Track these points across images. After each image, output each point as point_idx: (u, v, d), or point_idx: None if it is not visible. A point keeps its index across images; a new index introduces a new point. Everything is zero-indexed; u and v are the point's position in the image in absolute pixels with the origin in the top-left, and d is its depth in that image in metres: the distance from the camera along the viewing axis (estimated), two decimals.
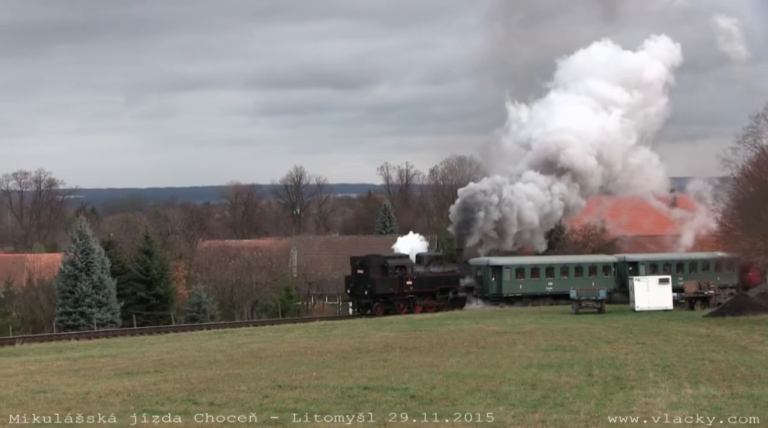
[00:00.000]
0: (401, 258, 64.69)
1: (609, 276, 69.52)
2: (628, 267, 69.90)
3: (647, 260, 71.58)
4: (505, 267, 66.78)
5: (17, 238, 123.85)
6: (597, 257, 71.78)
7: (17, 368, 31.00)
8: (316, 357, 31.58)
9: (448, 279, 65.42)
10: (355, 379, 24.98)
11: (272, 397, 22.14)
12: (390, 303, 62.52)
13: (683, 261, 72.21)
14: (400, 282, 62.82)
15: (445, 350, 32.91)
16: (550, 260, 69.58)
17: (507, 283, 66.53)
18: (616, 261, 70.82)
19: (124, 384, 25.20)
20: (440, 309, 63.20)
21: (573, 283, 66.29)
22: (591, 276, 68.73)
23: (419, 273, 63.90)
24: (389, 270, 62.63)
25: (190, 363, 30.81)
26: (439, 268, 65.53)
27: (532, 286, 67.39)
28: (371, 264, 62.75)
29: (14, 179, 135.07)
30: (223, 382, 24.86)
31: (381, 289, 62.22)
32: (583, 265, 69.46)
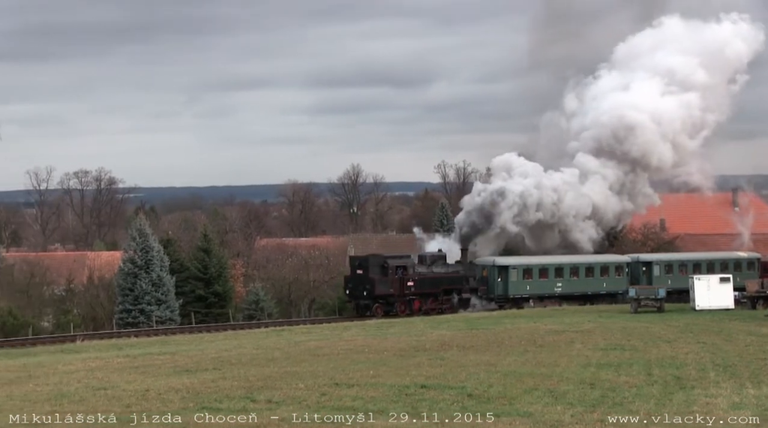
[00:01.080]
0: (402, 258, 63.08)
1: (621, 277, 67.64)
2: (642, 268, 68.46)
3: (662, 260, 69.79)
4: (512, 268, 64.75)
5: (78, 236, 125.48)
6: (609, 257, 69.79)
7: (78, 365, 31.33)
8: (373, 355, 31.57)
9: (452, 279, 63.34)
10: (412, 378, 24.94)
11: (329, 395, 22.17)
12: (390, 305, 60.67)
13: (700, 262, 70.24)
14: (401, 282, 60.95)
15: (502, 349, 32.77)
16: (559, 260, 67.46)
17: (514, 284, 64.55)
18: (629, 261, 68.85)
19: (183, 381, 25.36)
20: (443, 311, 61.16)
21: (583, 284, 66.04)
22: (603, 276, 67.22)
23: (421, 274, 62.03)
24: (389, 270, 60.78)
25: (248, 360, 30.95)
26: (443, 269, 63.56)
27: (540, 287, 65.38)
28: (370, 264, 60.87)
29: (75, 178, 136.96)
30: (280, 380, 24.94)
31: (380, 290, 60.30)
32: (595, 265, 67.48)
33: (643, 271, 68.35)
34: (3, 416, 20.20)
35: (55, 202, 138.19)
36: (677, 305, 58.21)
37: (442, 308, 61.87)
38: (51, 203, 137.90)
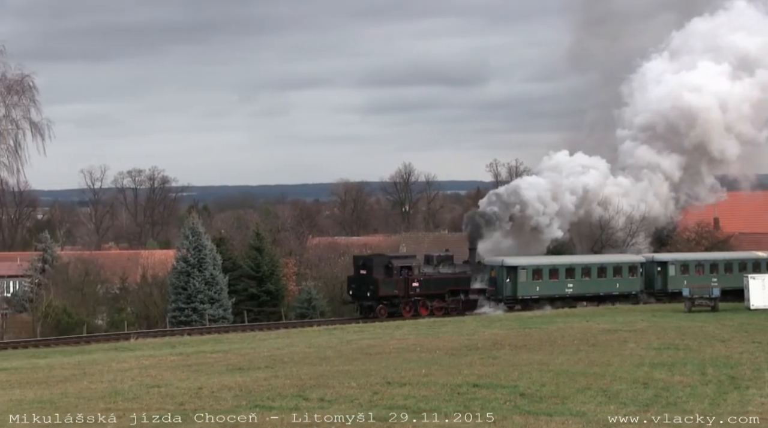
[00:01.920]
0: (407, 258, 62.24)
1: (635, 277, 65.86)
2: (657, 268, 66.59)
3: (677, 260, 67.54)
4: (521, 268, 62.88)
5: (131, 235, 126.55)
6: (622, 257, 67.60)
7: (132, 362, 31.60)
8: (425, 354, 31.55)
9: (458, 280, 61.69)
10: (464, 377, 24.89)
11: (381, 394, 22.18)
12: (395, 306, 59.40)
13: (717, 262, 68.02)
14: (406, 283, 59.57)
15: (554, 348, 32.62)
16: (570, 260, 65.94)
17: (523, 285, 62.71)
18: (643, 261, 66.82)
19: (236, 379, 25.48)
20: (449, 312, 59.94)
21: (595, 285, 64.46)
22: (616, 276, 65.31)
23: (427, 274, 60.65)
24: (393, 270, 59.44)
25: (300, 359, 31.05)
26: (449, 269, 62.02)
27: (550, 288, 63.57)
28: (374, 264, 59.54)
29: (129, 177, 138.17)
30: (333, 378, 24.98)
31: (384, 291, 59.00)
32: (607, 266, 65.50)
33: (658, 272, 66.47)
34: (60, 413, 20.42)
35: (108, 200, 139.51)
36: (731, 304, 57.52)
37: (447, 309, 60.40)
38: (105, 202, 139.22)
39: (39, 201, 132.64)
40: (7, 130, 60.07)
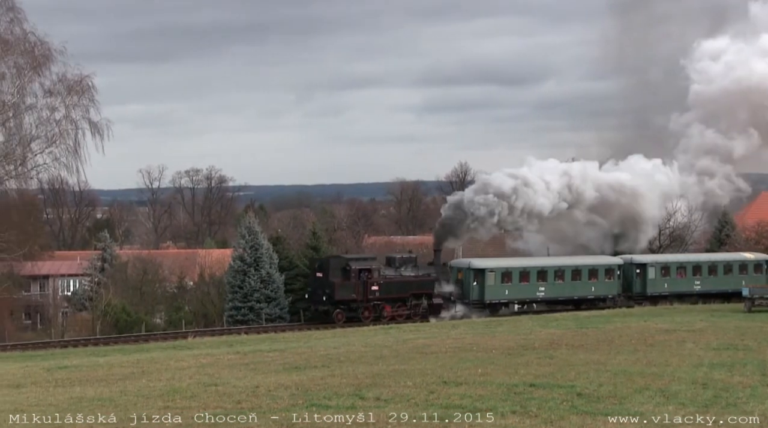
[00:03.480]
0: (366, 260, 59.70)
1: (612, 280, 64.06)
2: (636, 270, 64.85)
3: (658, 262, 65.84)
4: (489, 271, 60.59)
5: (189, 234, 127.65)
6: (598, 259, 65.91)
7: (190, 361, 31.81)
8: (482, 353, 31.45)
9: (422, 283, 59.56)
10: (521, 376, 24.77)
11: (438, 393, 22.13)
12: (353, 311, 57.35)
13: (701, 264, 66.38)
14: (365, 287, 57.37)
15: (612, 347, 32.36)
16: (542, 262, 63.83)
17: (491, 288, 60.51)
18: (621, 263, 64.91)
19: (293, 378, 25.56)
20: (411, 317, 58.06)
21: (569, 288, 62.74)
22: (591, 279, 63.38)
23: (387, 277, 58.39)
24: (351, 273, 57.25)
25: (356, 358, 31.08)
26: (413, 271, 59.86)
27: (520, 292, 61.68)
28: (331, 267, 57.26)
29: (186, 176, 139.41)
30: (389, 378, 24.97)
31: (341, 295, 56.88)
32: (582, 268, 63.48)
33: (637, 274, 64.69)
34: (119, 411, 20.61)
35: (166, 200, 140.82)
36: None
37: (410, 314, 58.58)
38: (163, 201, 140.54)
39: (98, 200, 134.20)
40: (66, 130, 60.83)
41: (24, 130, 60.78)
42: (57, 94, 60.80)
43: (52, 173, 61.93)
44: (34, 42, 60.24)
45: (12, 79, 59.88)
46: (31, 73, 59.97)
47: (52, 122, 60.93)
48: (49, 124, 60.92)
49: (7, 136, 60.68)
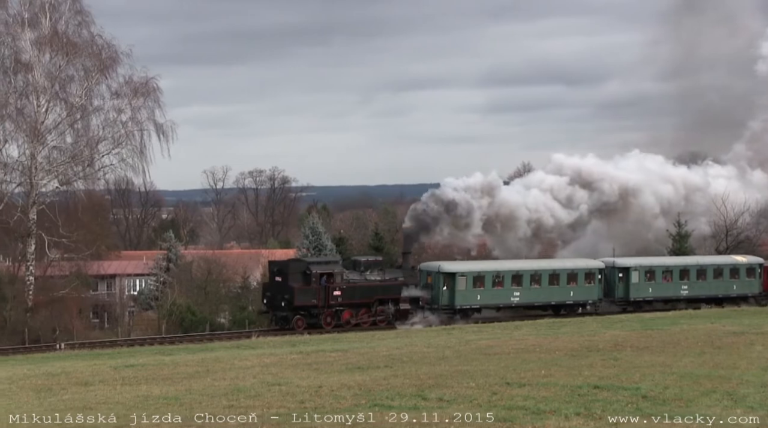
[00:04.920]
0: (328, 264, 56.50)
1: (593, 285, 60.82)
2: (618, 274, 61.76)
3: (642, 265, 62.70)
4: (460, 275, 57.40)
5: (253, 234, 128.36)
6: (578, 262, 62.75)
7: (254, 360, 31.99)
8: (545, 354, 31.28)
9: (387, 288, 56.70)
10: (585, 378, 24.60)
11: (501, 394, 22.06)
12: (314, 317, 54.74)
13: (689, 267, 63.66)
14: (326, 292, 54.69)
15: (678, 350, 32.01)
16: (517, 266, 60.50)
17: (461, 293, 57.33)
18: (602, 266, 61.69)
19: (355, 378, 25.61)
20: (376, 323, 55.81)
21: (546, 293, 59.66)
22: (570, 284, 60.17)
23: (351, 282, 55.66)
24: (312, 277, 54.49)
25: (419, 359, 31.06)
26: (379, 276, 57.16)
27: (493, 297, 58.40)
28: (290, 271, 54.60)
29: (250, 177, 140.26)
30: (451, 378, 24.94)
31: (301, 300, 54.24)
32: (560, 272, 60.34)
33: (620, 278, 61.76)
34: (184, 410, 20.80)
35: (230, 200, 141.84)
36: None
37: (375, 320, 56.12)
38: (227, 202, 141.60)
39: (164, 201, 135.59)
40: (132, 131, 61.66)
41: (91, 132, 61.76)
42: (123, 96, 61.70)
43: (118, 174, 62.91)
44: (101, 45, 61.19)
45: (80, 82, 60.83)
46: (98, 75, 60.90)
47: (118, 124, 61.84)
48: (116, 125, 61.82)
49: (75, 137, 61.69)
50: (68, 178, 61.97)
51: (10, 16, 59.83)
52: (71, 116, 60.79)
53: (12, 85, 59.91)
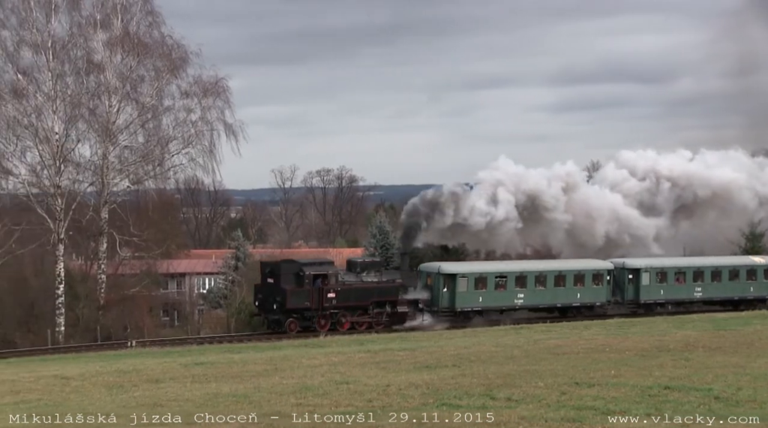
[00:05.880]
0: (322, 266, 54.49)
1: (601, 286, 59.03)
2: (628, 276, 59.96)
3: (653, 266, 60.67)
4: (461, 276, 55.81)
5: (320, 233, 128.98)
6: (585, 262, 60.71)
7: (322, 359, 32.11)
8: (614, 354, 31.00)
9: (384, 290, 54.74)
10: (656, 378, 24.33)
11: (569, 394, 21.89)
12: (307, 320, 52.95)
13: (703, 269, 61.52)
14: (320, 294, 52.76)
15: (751, 350, 31.54)
16: (521, 266, 58.84)
17: (462, 295, 55.72)
18: (611, 267, 59.83)
19: (423, 377, 25.58)
20: (373, 326, 53.96)
21: (551, 295, 57.94)
22: (577, 285, 58.42)
23: (346, 284, 53.69)
24: (305, 279, 52.50)
25: (487, 358, 30.96)
26: (376, 277, 55.10)
27: (495, 299, 56.69)
28: (282, 272, 52.56)
29: (318, 176, 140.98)
30: (520, 378, 24.81)
31: (293, 303, 52.31)
32: (566, 273, 58.44)
33: (630, 279, 59.94)
34: (252, 407, 20.93)
35: (298, 199, 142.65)
36: None
37: (372, 322, 54.27)
38: (295, 201, 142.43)
39: (232, 200, 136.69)
40: (202, 131, 62.20)
41: (162, 131, 62.40)
42: (193, 96, 62.27)
43: (188, 173, 63.49)
44: (172, 45, 61.79)
45: (150, 82, 61.50)
46: (168, 75, 61.51)
47: (188, 123, 62.42)
48: (186, 125, 62.42)
49: (146, 137, 62.38)
50: (139, 178, 62.69)
51: (83, 18, 60.61)
52: (142, 116, 61.48)
53: (84, 85, 60.72)
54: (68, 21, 60.52)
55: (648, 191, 65.97)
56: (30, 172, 60.45)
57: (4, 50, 59.55)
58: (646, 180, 66.57)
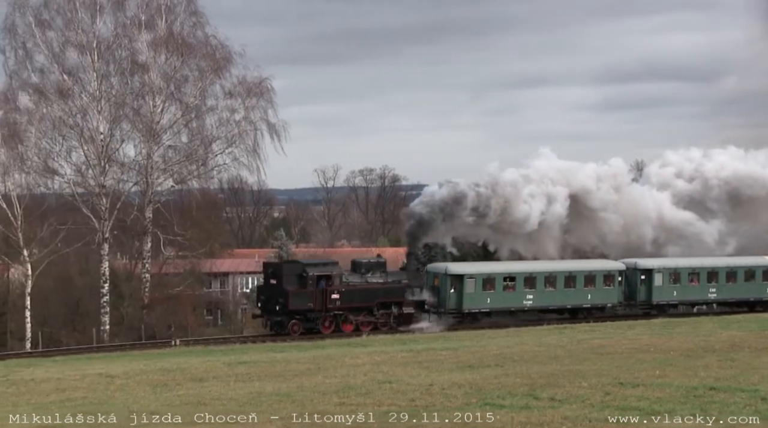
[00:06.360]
0: (326, 266, 53.36)
1: (612, 288, 57.55)
2: (640, 276, 58.30)
3: (666, 267, 59.08)
4: (468, 277, 54.50)
5: (363, 233, 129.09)
6: (596, 263, 59.42)
7: (365, 358, 32.13)
8: (659, 354, 30.76)
9: (390, 290, 53.57)
10: (701, 379, 24.11)
11: (614, 395, 21.75)
12: (310, 321, 51.70)
13: (718, 269, 59.84)
14: (323, 295, 51.58)
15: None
16: (530, 267, 57.36)
17: (469, 296, 54.43)
18: (623, 268, 58.26)
19: (466, 377, 25.53)
20: (378, 327, 52.65)
21: (561, 296, 56.45)
22: (588, 287, 56.90)
23: (350, 285, 52.49)
24: (308, 280, 51.33)
25: (530, 358, 30.84)
26: (381, 278, 53.88)
27: (503, 300, 55.45)
28: (285, 273, 51.52)
29: (360, 176, 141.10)
30: (563, 378, 24.68)
31: (296, 304, 51.12)
32: (577, 274, 57.01)
33: (642, 280, 58.32)
34: (295, 406, 20.98)
35: (341, 199, 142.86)
36: None
37: (377, 324, 52.99)
38: (337, 200, 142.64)
39: (275, 199, 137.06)
40: (246, 130, 62.49)
41: (205, 131, 62.80)
42: (237, 96, 62.60)
43: (231, 173, 63.82)
44: (215, 45, 62.18)
45: (194, 82, 61.89)
46: (212, 75, 61.88)
47: (231, 123, 62.76)
48: (229, 125, 62.76)
49: (190, 136, 62.77)
50: (183, 177, 63.10)
51: (128, 19, 61.12)
52: (186, 116, 61.88)
53: (129, 86, 61.23)
54: (113, 22, 61.14)
55: (698, 192, 65.07)
56: (75, 171, 61.10)
57: (51, 51, 60.18)
58: (696, 180, 65.73)
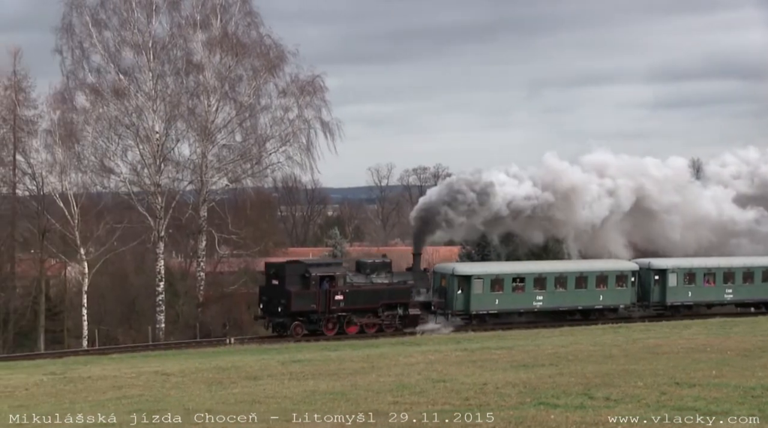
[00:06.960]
0: (330, 267, 52.52)
1: (625, 288, 56.26)
2: (654, 277, 56.97)
3: (680, 267, 57.68)
4: (476, 278, 53.40)
5: None
6: (608, 263, 57.90)
7: (418, 357, 32.15)
8: (716, 354, 30.48)
9: (395, 292, 52.31)
10: (759, 379, 23.84)
11: (669, 395, 21.59)
12: (314, 323, 50.60)
13: (734, 270, 58.28)
14: (327, 296, 50.45)
15: None
16: (540, 267, 55.91)
17: (477, 297, 53.29)
18: (636, 268, 56.86)
19: (520, 376, 25.46)
20: (383, 329, 51.60)
21: (572, 297, 55.23)
22: (599, 287, 55.68)
23: (354, 285, 51.28)
24: (311, 281, 50.16)
25: (585, 357, 30.69)
26: (386, 279, 52.71)
27: (513, 301, 54.30)
28: (287, 274, 50.31)
29: (414, 174, 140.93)
30: (618, 377, 24.54)
31: (298, 306, 50.06)
32: (589, 275, 55.73)
33: (656, 281, 57.02)
34: (350, 405, 21.04)
35: (395, 198, 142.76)
36: None
37: (382, 325, 51.91)
38: (391, 199, 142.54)
39: (329, 198, 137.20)
40: (300, 129, 62.67)
41: (259, 130, 63.03)
42: (290, 95, 62.74)
43: (285, 171, 63.98)
44: (269, 45, 62.36)
45: (248, 81, 62.14)
46: (266, 74, 62.09)
47: (285, 122, 62.93)
48: (283, 123, 62.94)
49: (244, 135, 63.06)
50: (237, 176, 63.40)
51: (183, 18, 61.46)
52: (240, 115, 62.17)
53: (184, 85, 61.59)
54: (168, 21, 61.48)
55: (759, 192, 64.04)
56: (131, 170, 61.54)
57: (107, 50, 60.69)
58: (755, 179, 64.80)
